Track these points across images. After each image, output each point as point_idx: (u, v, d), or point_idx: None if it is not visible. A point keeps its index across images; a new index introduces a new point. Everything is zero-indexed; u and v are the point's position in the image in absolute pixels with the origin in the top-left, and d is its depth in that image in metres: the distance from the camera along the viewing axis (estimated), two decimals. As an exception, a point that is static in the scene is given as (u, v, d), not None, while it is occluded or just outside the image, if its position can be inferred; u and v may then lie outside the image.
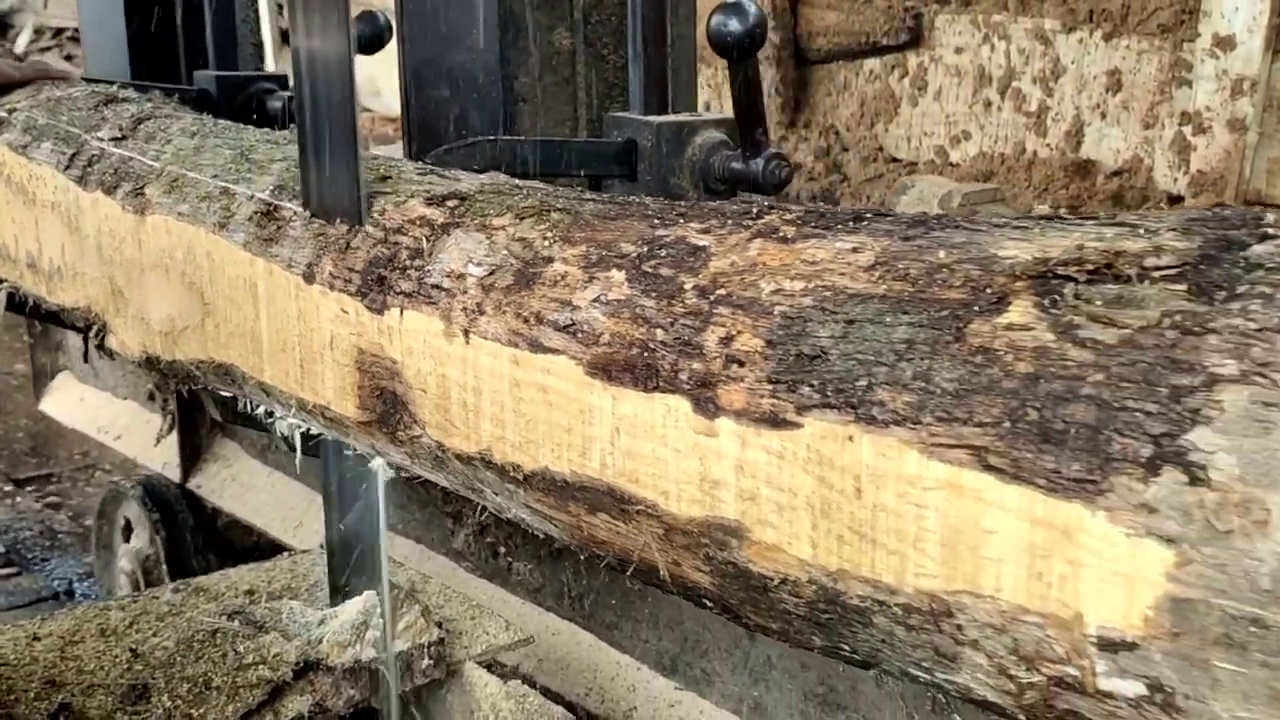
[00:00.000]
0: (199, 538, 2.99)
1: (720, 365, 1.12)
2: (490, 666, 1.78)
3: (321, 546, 1.90)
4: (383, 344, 1.48)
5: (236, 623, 1.75)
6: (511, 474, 1.35)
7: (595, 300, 1.25)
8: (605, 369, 1.21)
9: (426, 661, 1.74)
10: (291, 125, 2.57)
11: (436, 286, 1.41)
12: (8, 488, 4.50)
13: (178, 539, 2.97)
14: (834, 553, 1.05)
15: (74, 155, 2.18)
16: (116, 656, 1.71)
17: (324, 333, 1.57)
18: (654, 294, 1.21)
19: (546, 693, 1.90)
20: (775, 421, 1.07)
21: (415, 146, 2.31)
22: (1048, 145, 4.29)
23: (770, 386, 1.08)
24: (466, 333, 1.36)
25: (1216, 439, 0.83)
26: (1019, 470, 0.91)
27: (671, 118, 2.05)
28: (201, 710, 1.59)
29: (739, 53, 1.89)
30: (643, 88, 2.07)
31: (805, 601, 1.10)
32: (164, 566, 2.96)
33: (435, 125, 2.29)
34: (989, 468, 0.93)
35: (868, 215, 1.17)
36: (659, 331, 1.18)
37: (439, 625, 1.76)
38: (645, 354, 1.18)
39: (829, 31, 4.86)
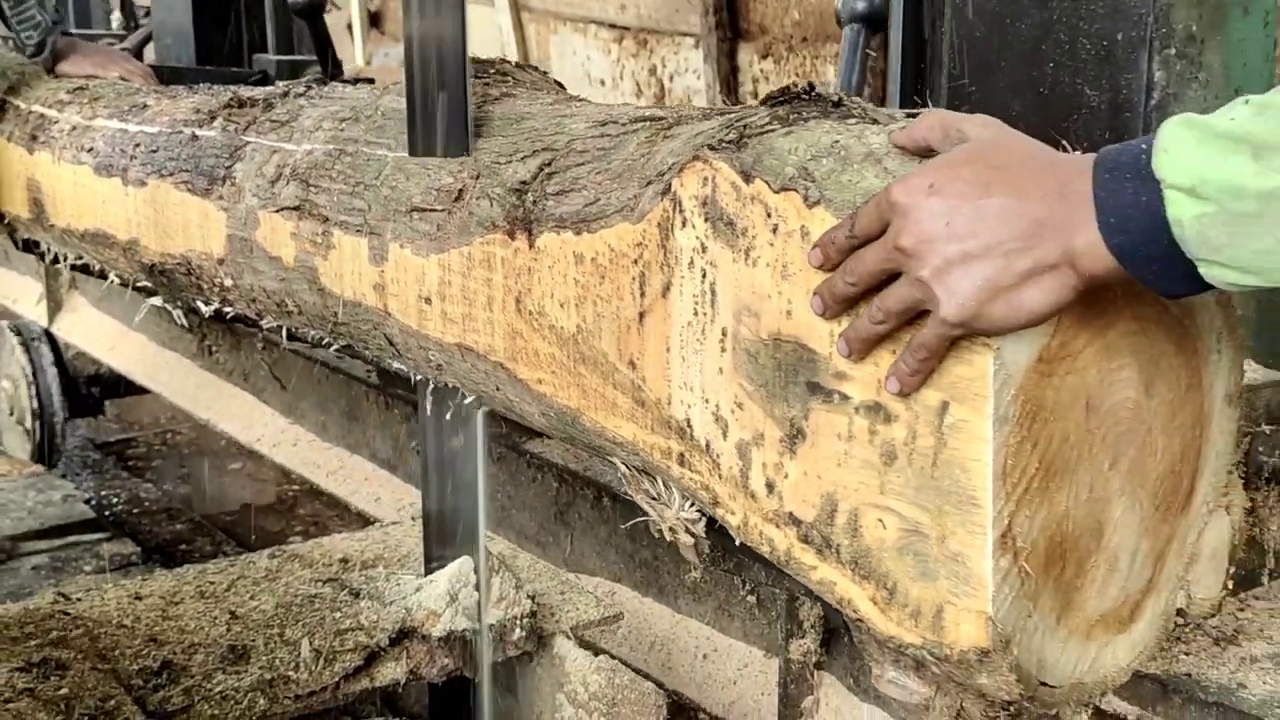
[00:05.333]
0: (56, 364, 4.20)
1: (120, 153, 2.28)
2: (579, 641, 1.82)
3: (414, 518, 2.01)
4: (34, 172, 2.66)
5: (331, 589, 1.79)
6: (79, 236, 2.52)
7: (101, 136, 2.41)
8: (99, 169, 2.38)
9: (519, 633, 1.76)
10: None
11: (53, 137, 2.59)
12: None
13: (40, 364, 4.19)
14: (151, 236, 2.21)
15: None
16: (216, 618, 1.72)
17: (15, 171, 2.75)
18: (121, 131, 2.37)
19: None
20: (127, 179, 2.23)
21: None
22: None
23: (135, 163, 2.24)
24: (58, 160, 2.53)
25: (245, 166, 1.98)
26: (194, 189, 2.07)
27: (290, 57, 3.22)
28: (299, 673, 1.60)
29: (310, 14, 3.05)
30: (275, 37, 3.25)
31: (144, 263, 2.26)
32: (29, 384, 4.18)
33: (166, 62, 3.48)
34: (183, 189, 2.09)
35: (214, 88, 2.33)
36: (118, 147, 2.34)
37: (530, 598, 1.79)
38: (112, 159, 2.35)
39: (917, 21, 5.13)
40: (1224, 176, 0.91)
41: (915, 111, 1.13)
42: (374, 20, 7.90)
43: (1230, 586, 1.23)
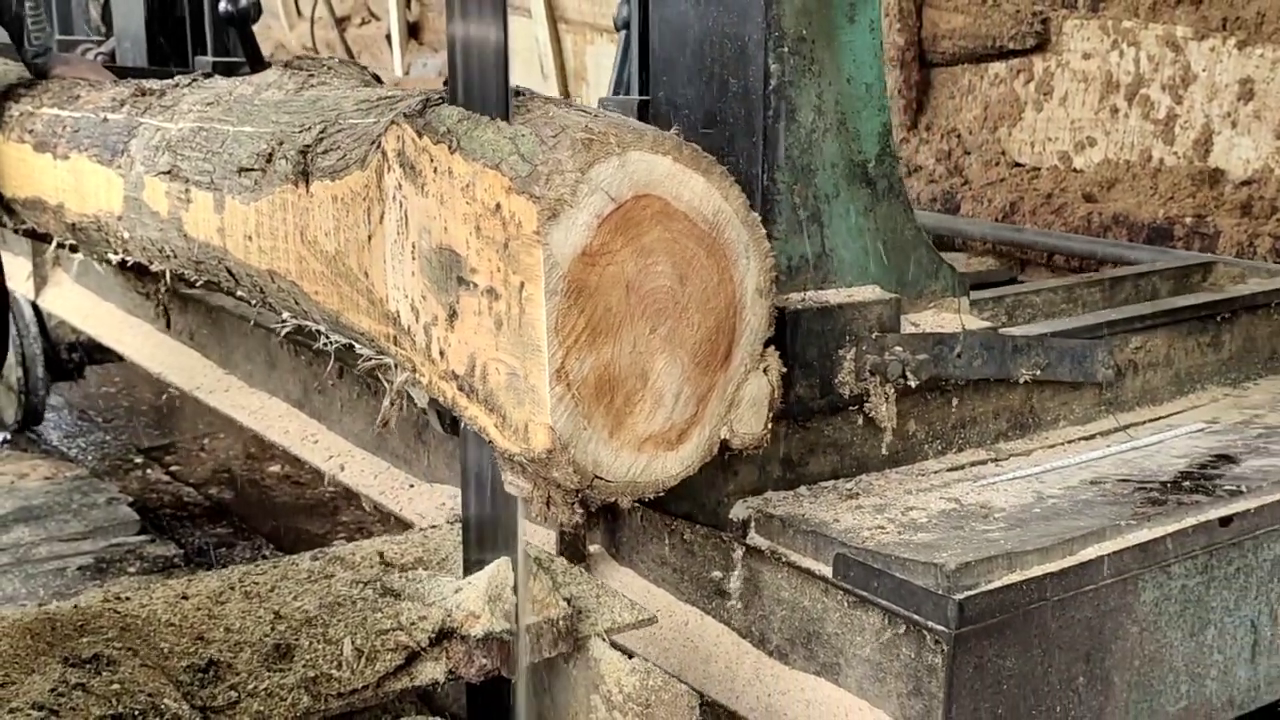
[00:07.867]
0: (39, 330, 4.75)
1: (53, 134, 2.81)
2: (613, 644, 1.84)
3: (449, 522, 2.10)
4: (-7, 153, 3.20)
5: (373, 590, 1.82)
6: (23, 205, 3.05)
7: (41, 120, 2.94)
8: (38, 146, 2.91)
9: (555, 635, 1.79)
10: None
11: (4, 122, 3.12)
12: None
13: (25, 331, 4.74)
14: (72, 200, 2.73)
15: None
16: (260, 617, 1.75)
17: (-20, 152, 3.29)
18: (55, 116, 2.90)
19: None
20: (56, 154, 2.76)
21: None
22: (1175, 153, 4.15)
23: (63, 140, 2.76)
24: (7, 140, 3.06)
25: (137, 141, 2.50)
26: (102, 160, 2.59)
27: (225, 59, 3.75)
28: (341, 672, 1.64)
29: (237, 22, 3.59)
30: (213, 42, 3.78)
31: (67, 223, 2.78)
32: (18, 349, 4.73)
33: (124, 63, 4.03)
34: (94, 160, 2.60)
35: (133, 81, 2.85)
36: (53, 127, 2.87)
37: (567, 601, 1.83)
38: (46, 139, 2.87)
39: (954, 34, 4.82)
40: None
41: (530, 90, 1.64)
42: (412, 31, 8.46)
43: (770, 428, 1.72)
